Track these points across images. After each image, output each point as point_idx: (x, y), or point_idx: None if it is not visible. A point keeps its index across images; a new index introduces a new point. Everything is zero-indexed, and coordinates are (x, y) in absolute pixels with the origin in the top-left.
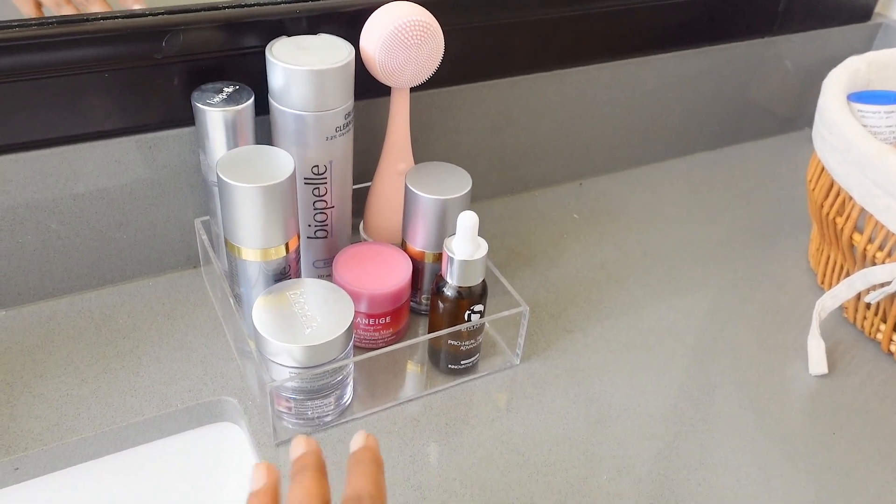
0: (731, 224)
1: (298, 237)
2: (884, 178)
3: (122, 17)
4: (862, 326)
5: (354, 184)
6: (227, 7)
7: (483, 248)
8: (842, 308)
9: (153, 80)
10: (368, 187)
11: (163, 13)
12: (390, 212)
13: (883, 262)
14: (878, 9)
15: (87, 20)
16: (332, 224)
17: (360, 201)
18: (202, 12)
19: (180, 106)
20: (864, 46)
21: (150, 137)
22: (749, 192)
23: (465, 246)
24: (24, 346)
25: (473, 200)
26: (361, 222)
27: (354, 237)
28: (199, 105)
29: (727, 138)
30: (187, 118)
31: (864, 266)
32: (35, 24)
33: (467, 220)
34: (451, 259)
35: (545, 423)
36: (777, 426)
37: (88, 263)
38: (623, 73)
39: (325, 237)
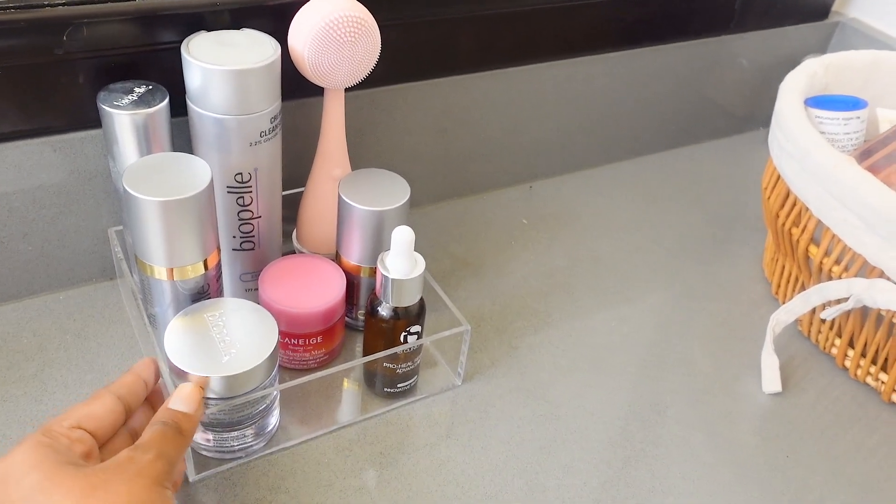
0: (684, 229)
1: (219, 252)
2: (841, 190)
3: (17, 7)
4: (817, 340)
5: (286, 189)
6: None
7: (420, 265)
8: (796, 321)
9: (56, 78)
10: (301, 193)
11: (63, 4)
12: (325, 220)
13: (839, 277)
14: (835, 7)
15: None
16: (259, 235)
17: (293, 208)
18: (111, 3)
19: (90, 106)
20: (821, 45)
21: (54, 140)
22: (703, 196)
23: (401, 263)
24: None
25: (416, 206)
26: (294, 231)
27: (287, 246)
28: (104, 107)
29: (682, 139)
30: (98, 119)
31: (819, 280)
32: None
33: (403, 236)
34: (385, 278)
35: (486, 451)
36: (729, 448)
37: None
38: (574, 71)
39: (252, 249)
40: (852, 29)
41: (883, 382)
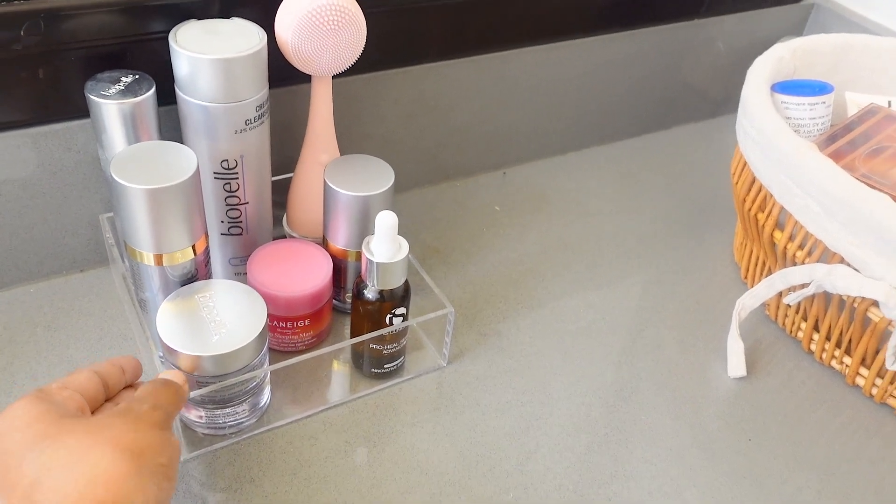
0: (656, 214)
1: (206, 237)
2: (802, 177)
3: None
4: (783, 324)
5: (277, 175)
6: None
7: (404, 248)
8: (764, 305)
9: (19, 73)
10: (291, 178)
11: (18, 0)
12: (313, 205)
13: (803, 262)
14: None
15: None
16: (247, 220)
17: (283, 193)
18: None
19: (76, 97)
20: (797, 28)
21: (27, 133)
22: (677, 181)
23: (385, 247)
24: None
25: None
26: (284, 215)
27: (278, 230)
28: (91, 97)
29: (657, 123)
30: (85, 109)
31: (784, 265)
32: None
33: (386, 220)
34: (370, 262)
35: (451, 436)
36: (692, 433)
37: None
38: (545, 57)
39: (241, 234)
40: (828, 11)
41: (847, 366)
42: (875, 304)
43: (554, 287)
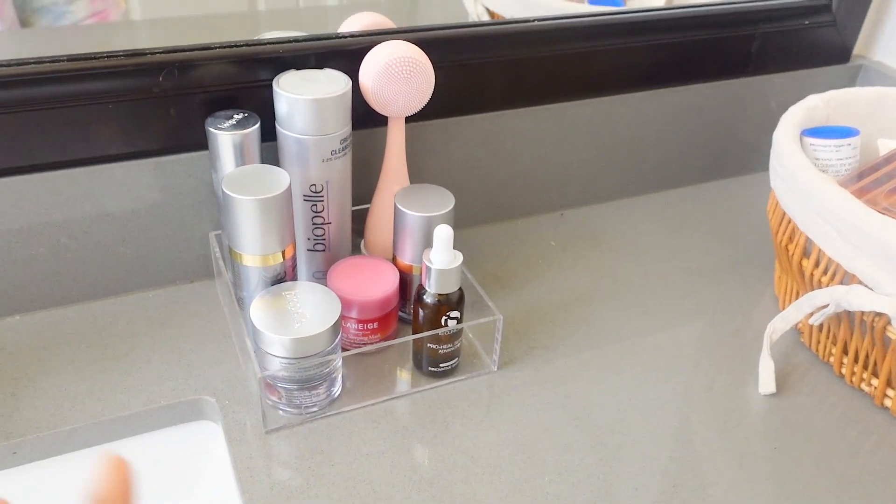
0: (705, 255)
1: (294, 246)
2: (819, 206)
3: (125, 55)
4: (817, 350)
5: (357, 204)
6: (244, 45)
7: (458, 258)
8: (799, 332)
9: (155, 111)
10: (368, 208)
11: (160, 52)
12: (386, 229)
13: (827, 286)
14: (858, 51)
15: (94, 58)
16: (329, 239)
17: (362, 221)
18: (217, 49)
19: (197, 132)
20: (847, 87)
21: (156, 161)
22: (724, 225)
23: (442, 256)
24: (33, 347)
25: (458, 227)
26: (362, 240)
27: (355, 253)
28: (210, 129)
29: (710, 173)
30: (203, 143)
31: (811, 289)
32: (48, 61)
33: (443, 233)
34: (429, 269)
35: (496, 428)
36: (720, 439)
37: (94, 275)
38: (599, 109)
39: (324, 250)
40: (876, 72)
41: (875, 387)
42: (890, 322)
43: (601, 312)
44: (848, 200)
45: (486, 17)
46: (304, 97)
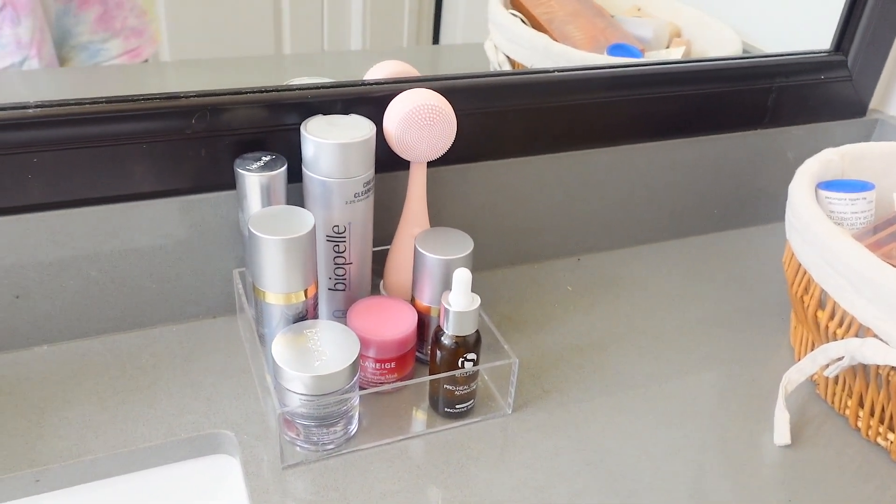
0: (720, 303)
1: (317, 286)
2: (834, 258)
3: (161, 98)
4: (832, 402)
5: (378, 246)
6: (273, 90)
7: (476, 301)
8: (815, 384)
9: (187, 152)
10: (388, 249)
11: (193, 96)
12: (405, 271)
13: (842, 338)
14: (874, 105)
15: (132, 100)
16: (350, 279)
17: (382, 262)
18: (247, 94)
19: (225, 172)
20: (862, 141)
21: (184, 200)
22: (741, 275)
23: (460, 299)
24: (59, 377)
25: (475, 270)
26: (382, 281)
27: (375, 294)
28: (238, 170)
29: (727, 223)
30: (231, 183)
31: (827, 341)
32: (88, 102)
33: (462, 276)
34: (447, 311)
35: (509, 471)
36: (734, 489)
37: (121, 308)
38: (616, 158)
39: (344, 290)
40: (892, 126)
41: (891, 441)
42: None
43: (616, 357)
44: (862, 253)
45: (506, 65)
46: (329, 141)
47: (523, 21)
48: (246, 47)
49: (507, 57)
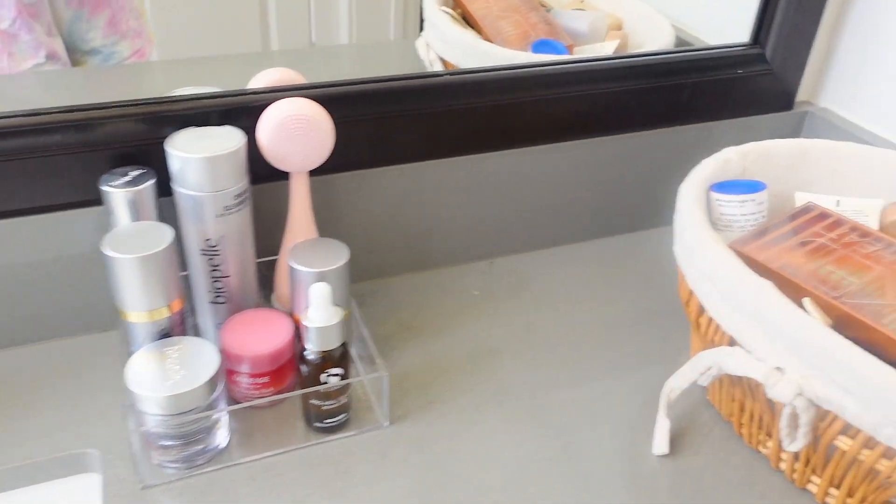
0: (630, 307)
1: (182, 301)
2: (703, 264)
3: (22, 115)
4: (720, 408)
5: (268, 256)
6: (144, 103)
7: (338, 315)
8: (705, 390)
9: (60, 167)
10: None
11: (61, 112)
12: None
13: (718, 345)
14: (802, 97)
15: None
16: (230, 292)
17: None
18: (119, 108)
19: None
20: (793, 134)
21: (59, 216)
22: (656, 277)
23: (320, 313)
24: None
25: (378, 276)
26: (273, 293)
27: (266, 305)
28: (102, 187)
29: (646, 222)
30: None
31: (707, 347)
32: None
33: (319, 291)
34: (306, 327)
35: (379, 488)
36: (612, 502)
37: (3, 324)
38: (518, 160)
39: (225, 303)
40: (822, 119)
41: (770, 449)
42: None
43: (510, 365)
44: (727, 260)
45: (437, 65)
46: (193, 156)
47: (455, 18)
48: (233, 44)
49: (439, 56)
